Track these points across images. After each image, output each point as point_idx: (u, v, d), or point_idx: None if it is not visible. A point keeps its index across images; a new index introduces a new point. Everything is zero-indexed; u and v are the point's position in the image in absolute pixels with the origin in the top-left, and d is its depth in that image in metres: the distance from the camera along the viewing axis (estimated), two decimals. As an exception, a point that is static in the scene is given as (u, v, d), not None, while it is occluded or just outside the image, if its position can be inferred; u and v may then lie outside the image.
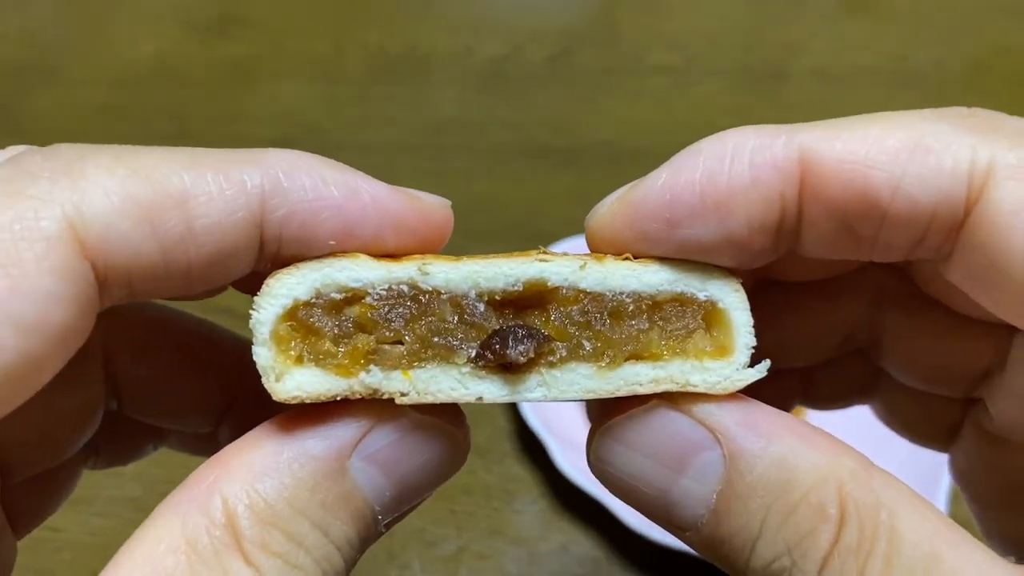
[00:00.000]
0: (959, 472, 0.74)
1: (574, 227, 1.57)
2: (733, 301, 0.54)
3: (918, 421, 0.76)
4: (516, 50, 2.23)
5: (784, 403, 0.78)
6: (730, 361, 0.53)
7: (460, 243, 0.53)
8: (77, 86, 2.16)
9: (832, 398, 0.80)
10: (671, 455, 0.51)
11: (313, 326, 0.51)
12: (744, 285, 0.55)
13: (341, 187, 0.52)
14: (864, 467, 0.49)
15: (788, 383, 0.77)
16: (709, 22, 2.33)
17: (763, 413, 0.51)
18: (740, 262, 0.54)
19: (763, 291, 0.69)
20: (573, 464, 1.33)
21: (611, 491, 0.56)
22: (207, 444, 0.74)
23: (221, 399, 0.71)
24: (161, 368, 0.70)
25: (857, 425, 0.89)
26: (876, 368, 0.75)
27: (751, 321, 0.54)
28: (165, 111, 2.09)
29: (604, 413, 0.55)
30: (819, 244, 0.54)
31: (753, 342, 0.54)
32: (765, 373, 0.53)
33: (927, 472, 1.26)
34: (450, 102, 2.11)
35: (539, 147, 1.98)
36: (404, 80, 2.17)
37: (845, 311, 0.72)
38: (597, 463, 0.55)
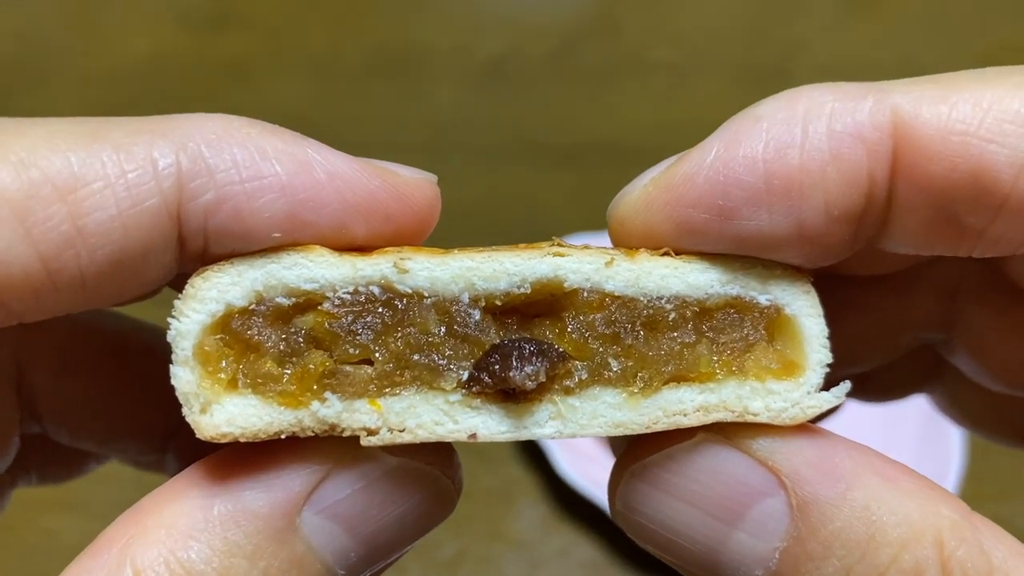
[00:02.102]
0: None
1: (575, 226, 1.49)
2: (803, 306, 0.42)
3: (988, 418, 0.66)
4: (516, 47, 2.17)
5: None
6: (799, 382, 0.41)
7: (454, 245, 0.41)
8: (70, 84, 2.09)
9: (888, 391, 0.69)
10: (722, 504, 0.41)
11: (251, 340, 0.40)
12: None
13: (287, 160, 0.39)
14: (966, 517, 0.39)
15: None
16: (711, 18, 2.30)
17: (841, 450, 0.40)
18: (809, 259, 0.42)
19: (820, 287, 0.57)
20: (574, 468, 1.26)
21: (643, 545, 0.44)
22: (160, 464, 0.61)
23: (166, 422, 0.58)
24: (89, 386, 0.58)
25: (860, 418, 0.81)
26: (939, 358, 0.65)
27: (826, 331, 0.42)
28: (160, 109, 1.95)
29: (634, 448, 0.43)
30: (910, 237, 0.42)
31: (828, 358, 0.42)
32: (843, 399, 0.41)
33: (933, 469, 1.19)
34: (449, 100, 2.04)
35: (539, 145, 1.90)
36: (402, 77, 2.09)
37: (916, 308, 0.61)
38: (626, 512, 0.43)
